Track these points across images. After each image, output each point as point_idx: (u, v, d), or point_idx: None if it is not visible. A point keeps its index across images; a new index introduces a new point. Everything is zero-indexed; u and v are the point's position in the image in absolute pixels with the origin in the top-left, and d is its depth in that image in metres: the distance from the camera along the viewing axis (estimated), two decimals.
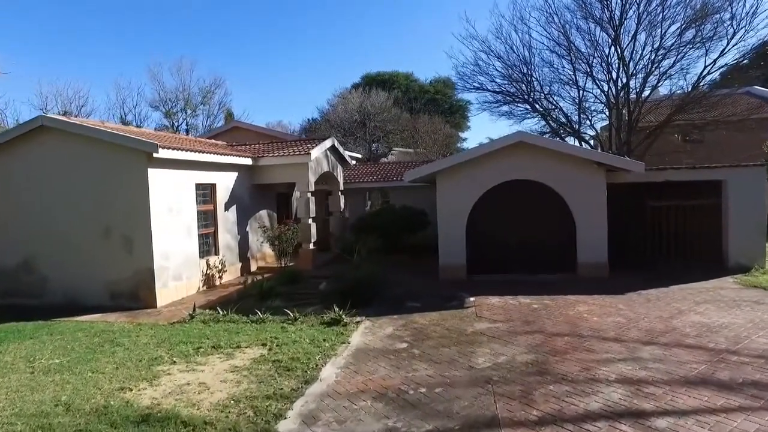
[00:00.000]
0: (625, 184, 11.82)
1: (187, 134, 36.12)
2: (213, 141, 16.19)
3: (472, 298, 9.60)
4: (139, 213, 10.12)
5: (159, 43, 56.91)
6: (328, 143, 15.56)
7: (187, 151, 10.73)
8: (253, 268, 14.47)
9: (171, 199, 10.76)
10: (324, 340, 7.36)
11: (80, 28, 52.92)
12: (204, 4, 60.21)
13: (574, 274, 11.33)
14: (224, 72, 69.20)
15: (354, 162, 22.93)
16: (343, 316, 8.41)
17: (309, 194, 14.28)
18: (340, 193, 17.52)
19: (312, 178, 14.41)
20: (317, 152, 14.37)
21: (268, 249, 15.51)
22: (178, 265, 10.93)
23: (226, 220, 13.13)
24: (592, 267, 11.16)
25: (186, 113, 41.65)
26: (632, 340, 6.63)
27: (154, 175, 10.22)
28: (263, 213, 15.44)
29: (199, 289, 11.72)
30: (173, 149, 10.30)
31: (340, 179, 17.52)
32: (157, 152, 9.70)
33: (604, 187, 11.23)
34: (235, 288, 11.83)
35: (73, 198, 10.57)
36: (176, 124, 41.17)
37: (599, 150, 18.82)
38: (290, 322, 8.54)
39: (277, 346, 7.15)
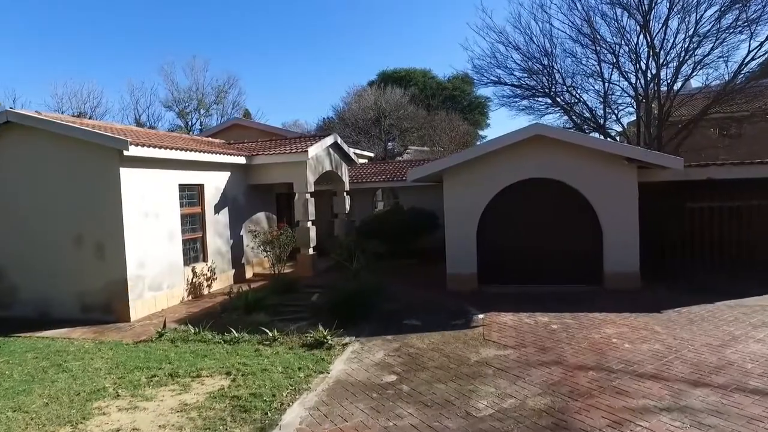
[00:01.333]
0: (657, 184, 10.37)
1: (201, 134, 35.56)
2: (203, 138, 15.24)
3: (480, 315, 8.33)
4: (110, 217, 9.16)
5: (172, 43, 56.83)
6: (329, 140, 14.46)
7: (165, 148, 9.73)
8: (249, 275, 13.46)
9: (149, 202, 9.78)
10: (299, 368, 6.21)
11: (94, 28, 53.09)
12: (217, 3, 59.90)
13: (601, 286, 9.94)
14: (239, 71, 68.61)
15: (362, 161, 21.84)
16: (328, 338, 7.25)
17: (307, 195, 13.19)
18: (345, 193, 16.42)
19: (311, 178, 13.32)
20: (316, 150, 13.28)
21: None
22: (157, 274, 9.95)
23: (217, 223, 12.13)
24: (621, 278, 9.74)
25: (200, 113, 41.31)
26: (677, 379, 5.28)
27: (128, 174, 9.25)
28: (261, 216, 14.42)
29: (183, 299, 10.72)
30: (149, 146, 9.31)
31: (345, 179, 16.41)
32: (128, 149, 8.71)
33: (635, 187, 9.81)
34: (223, 298, 10.78)
35: (44, 200, 9.69)
36: (190, 123, 40.85)
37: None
38: (268, 342, 7.43)
39: (242, 375, 6.04)
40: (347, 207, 16.60)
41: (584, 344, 6.60)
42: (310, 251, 13.33)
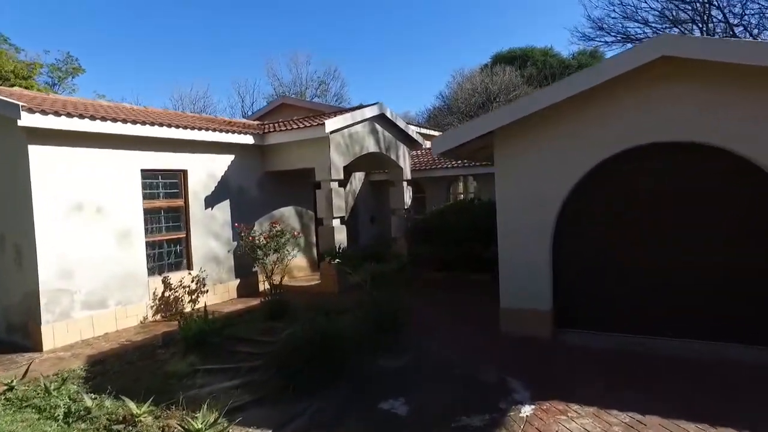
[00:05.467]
0: None
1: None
2: (188, 114, 12.62)
3: (525, 409, 4.19)
4: (21, 211, 6.88)
5: (276, 37, 57.33)
6: (368, 112, 10.97)
7: (88, 118, 7.13)
8: (266, 285, 10.59)
9: (84, 191, 7.33)
10: None
11: (202, 31, 55.87)
12: None
13: None
14: (343, 63, 67.26)
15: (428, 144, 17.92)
16: None
17: (332, 184, 9.90)
18: (404, 183, 12.81)
19: (338, 161, 10.01)
20: (341, 123, 9.90)
21: (297, 259, 11.59)
22: (98, 287, 7.47)
23: (211, 220, 9.44)
24: None
25: None
26: None
27: (42, 154, 6.84)
28: (287, 212, 11.51)
29: (144, 319, 8.16)
30: (58, 115, 6.77)
31: (405, 165, 12.78)
32: (20, 118, 6.26)
33: None
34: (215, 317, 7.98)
35: None
36: None
37: None
38: (120, 428, 4.27)
39: None
40: (407, 200, 12.98)
41: None
42: (337, 259, 9.99)
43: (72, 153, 7.19)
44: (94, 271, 7.43)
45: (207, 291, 9.31)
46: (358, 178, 14.81)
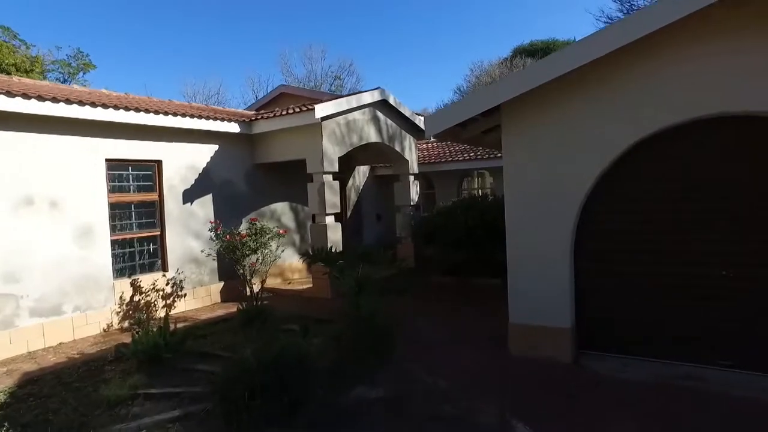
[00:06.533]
0: None
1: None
2: (176, 102, 11.60)
3: None
4: None
5: (290, 32, 56.31)
6: (368, 97, 9.91)
7: (49, 101, 6.25)
8: (256, 288, 9.63)
9: (35, 183, 6.47)
10: None
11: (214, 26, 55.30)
12: None
13: None
14: (359, 59, 65.76)
15: None
16: None
17: (325, 177, 8.88)
18: (411, 177, 11.72)
19: (332, 152, 8.99)
20: (334, 109, 8.86)
21: (292, 260, 10.67)
22: (50, 291, 6.60)
23: (190, 217, 8.54)
24: None
25: None
26: None
27: None
28: (280, 208, 10.58)
29: (108, 326, 7.28)
30: (10, 95, 5.90)
31: (412, 157, 11.68)
32: None
33: None
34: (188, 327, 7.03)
35: None
36: None
37: None
38: None
39: None
40: (414, 196, 11.89)
41: None
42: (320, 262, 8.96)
43: (20, 139, 6.33)
44: (47, 274, 6.56)
45: (185, 295, 8.41)
46: (362, 172, 13.78)
